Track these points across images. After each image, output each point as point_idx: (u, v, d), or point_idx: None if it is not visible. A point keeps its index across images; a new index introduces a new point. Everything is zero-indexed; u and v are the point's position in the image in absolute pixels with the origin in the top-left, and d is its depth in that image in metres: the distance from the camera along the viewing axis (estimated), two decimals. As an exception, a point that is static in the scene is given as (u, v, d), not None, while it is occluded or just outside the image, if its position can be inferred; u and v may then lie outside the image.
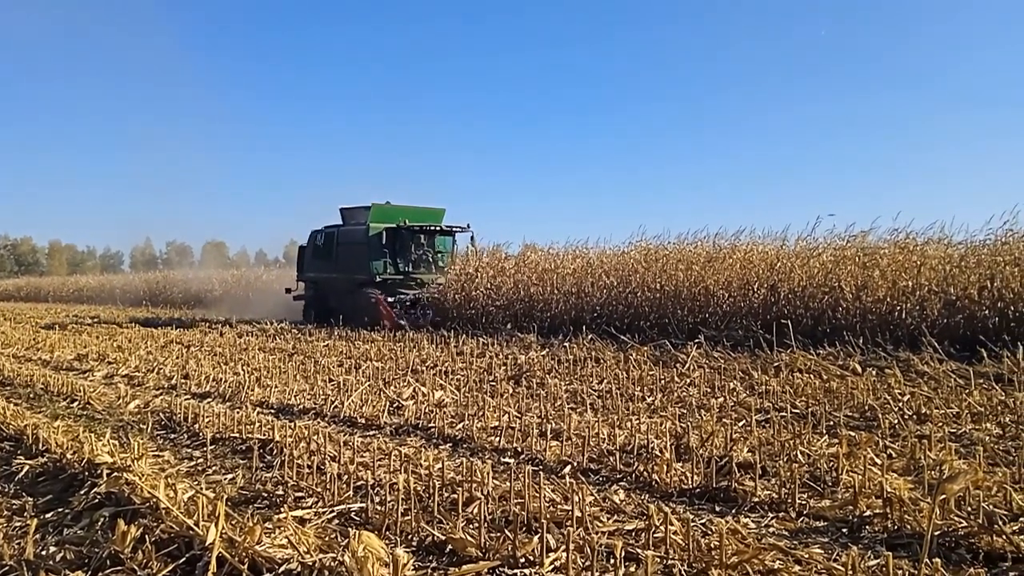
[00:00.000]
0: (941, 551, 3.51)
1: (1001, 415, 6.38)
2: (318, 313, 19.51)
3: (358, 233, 19.06)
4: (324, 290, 20.28)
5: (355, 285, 18.57)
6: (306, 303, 21.00)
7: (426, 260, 19.35)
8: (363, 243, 18.72)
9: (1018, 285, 10.69)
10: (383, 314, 17.07)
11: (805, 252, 13.59)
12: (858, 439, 5.41)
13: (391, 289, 18.15)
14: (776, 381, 8.34)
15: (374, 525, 3.91)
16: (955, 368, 8.58)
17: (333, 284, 19.71)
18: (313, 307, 20.36)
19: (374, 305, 17.27)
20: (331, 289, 19.82)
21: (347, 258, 19.33)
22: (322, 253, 20.31)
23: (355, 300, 18.13)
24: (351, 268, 18.99)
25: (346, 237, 19.68)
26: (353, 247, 19.15)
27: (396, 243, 18.86)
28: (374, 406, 7.27)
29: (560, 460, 5.25)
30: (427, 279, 18.81)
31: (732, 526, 3.72)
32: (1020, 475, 4.53)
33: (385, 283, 18.34)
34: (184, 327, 18.78)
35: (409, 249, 19.15)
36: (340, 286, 19.31)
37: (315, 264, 20.58)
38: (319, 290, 20.55)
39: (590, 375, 9.15)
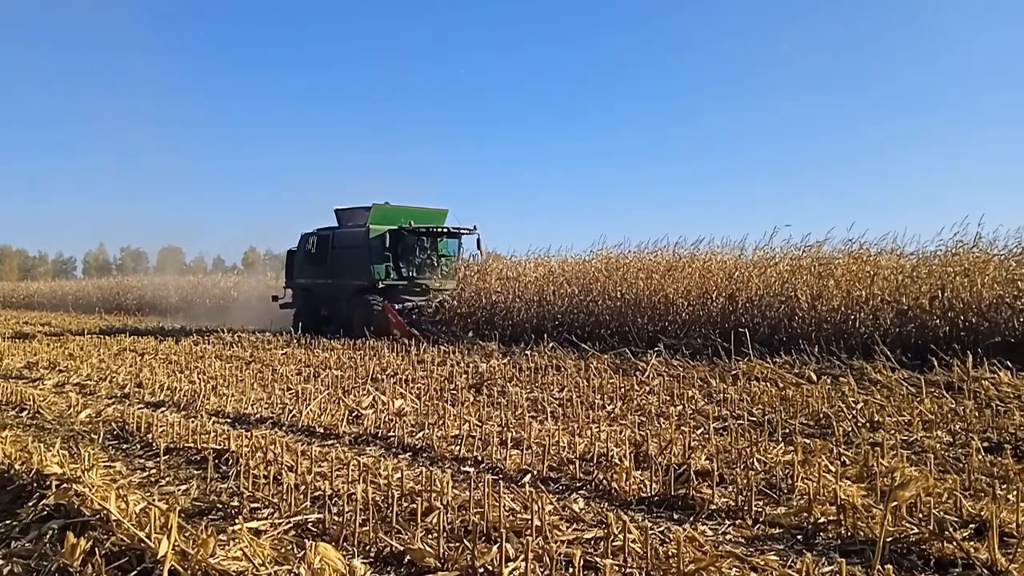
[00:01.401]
0: (893, 557, 3.58)
1: (951, 423, 6.54)
2: (310, 322, 18.11)
3: (357, 236, 17.86)
4: (317, 297, 18.95)
5: (354, 292, 17.40)
6: (296, 311, 19.43)
7: (431, 264, 18.14)
8: (363, 246, 17.48)
9: (967, 295, 10.97)
10: (393, 323, 15.89)
11: (762, 262, 13.81)
12: (813, 447, 5.51)
13: (394, 296, 17.03)
14: (734, 389, 8.45)
15: (331, 536, 3.87)
16: (907, 376, 8.77)
17: (328, 291, 18.46)
18: (304, 316, 18.84)
19: (381, 313, 16.16)
20: (325, 296, 18.61)
21: (345, 263, 18.04)
22: (315, 258, 18.97)
23: (354, 308, 17.05)
24: (349, 273, 17.77)
25: (343, 240, 18.45)
26: (352, 251, 17.90)
27: (399, 246, 17.62)
28: (333, 415, 7.20)
29: (520, 469, 5.25)
30: (432, 285, 17.67)
31: (690, 534, 3.75)
32: (970, 482, 4.64)
33: (388, 289, 17.17)
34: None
35: (413, 253, 17.91)
36: (336, 293, 18.07)
37: (307, 270, 19.23)
38: (311, 297, 19.16)
39: (551, 383, 9.17)
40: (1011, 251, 11.71)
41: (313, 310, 18.81)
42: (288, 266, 20.33)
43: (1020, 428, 6.22)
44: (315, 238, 19.16)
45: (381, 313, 16.15)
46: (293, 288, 19.97)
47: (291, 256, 20.15)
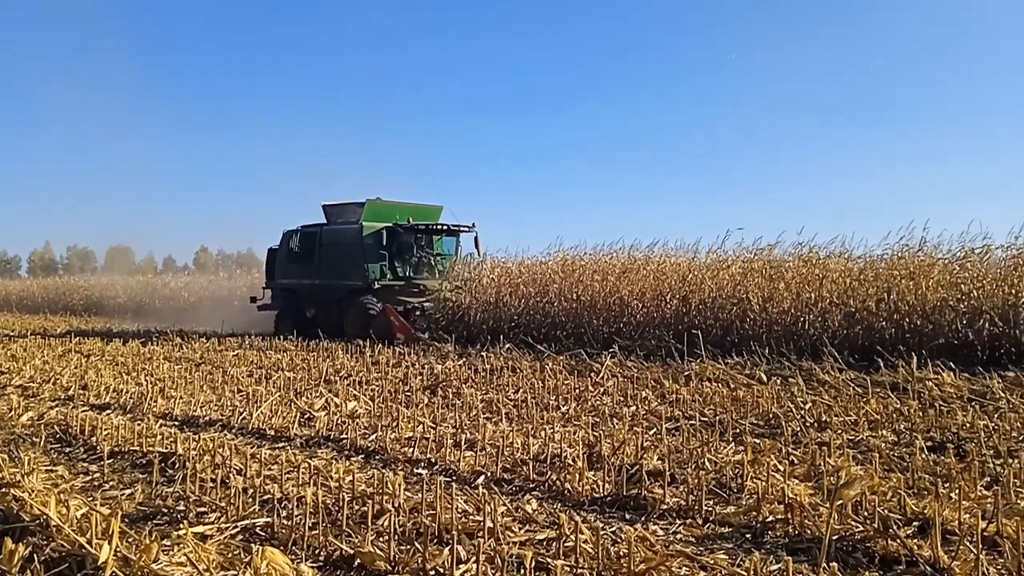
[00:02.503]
0: (839, 555, 3.64)
1: (896, 422, 6.69)
2: (294, 325, 16.84)
3: (349, 233, 16.86)
4: (302, 299, 17.89)
5: (346, 293, 16.52)
6: (278, 314, 18.22)
7: (427, 263, 17.29)
8: (356, 244, 16.53)
9: (912, 298, 11.25)
10: (396, 326, 15.01)
11: (715, 264, 13.99)
12: (762, 446, 5.59)
13: (390, 297, 16.16)
14: (686, 390, 8.54)
15: (280, 540, 3.81)
16: (854, 377, 8.95)
17: (314, 292, 17.44)
18: (288, 318, 17.63)
19: (382, 316, 15.31)
20: (311, 297, 17.62)
21: (335, 262, 17.01)
22: (300, 256, 17.85)
23: (347, 311, 16.21)
24: (340, 273, 16.80)
25: (333, 238, 17.40)
26: (343, 249, 16.90)
27: (394, 244, 16.65)
28: (284, 417, 7.10)
29: (474, 470, 5.23)
30: (430, 285, 16.72)
31: (641, 534, 3.77)
32: (914, 481, 4.75)
33: (384, 290, 16.27)
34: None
35: (409, 251, 16.97)
36: (325, 294, 17.10)
37: (290, 269, 18.10)
38: (295, 299, 18.03)
39: (506, 384, 9.16)
40: (955, 255, 12.03)
41: (297, 312, 17.75)
42: (269, 265, 19.13)
43: (962, 428, 6.38)
44: (300, 235, 18.11)
45: (382, 316, 15.33)
46: (274, 289, 18.82)
47: (272, 255, 18.98)
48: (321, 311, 17.22)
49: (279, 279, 18.57)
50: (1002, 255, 11.77)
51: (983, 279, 11.17)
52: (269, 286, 19.01)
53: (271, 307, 18.67)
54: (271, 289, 18.92)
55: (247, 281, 29.07)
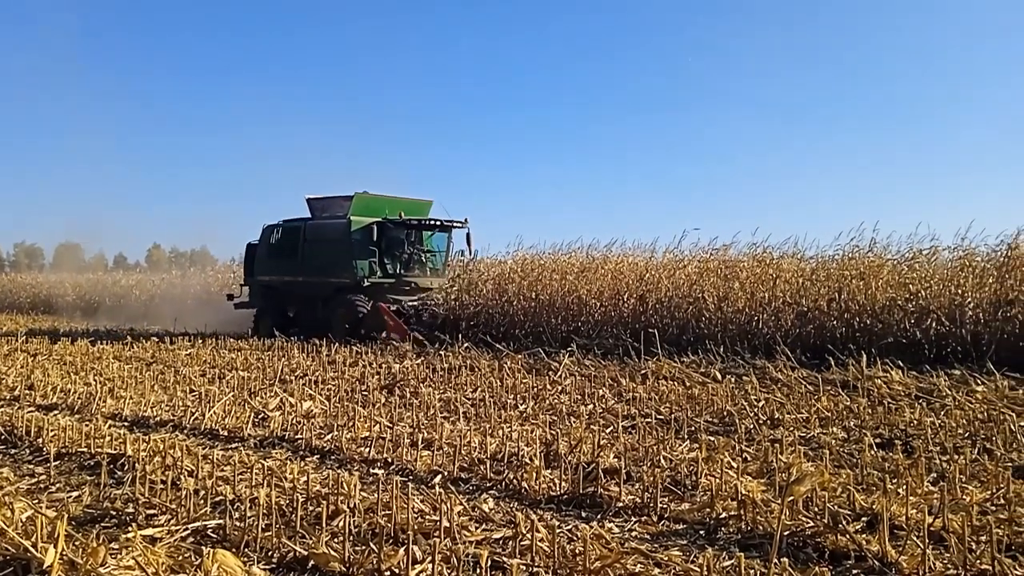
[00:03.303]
0: (790, 550, 3.70)
1: (846, 419, 6.82)
2: (275, 324, 16.14)
3: (336, 228, 16.07)
4: (283, 296, 17.15)
5: (332, 290, 15.87)
6: (258, 312, 17.44)
7: (418, 260, 16.67)
8: (343, 239, 15.78)
9: (862, 297, 11.50)
10: (391, 325, 14.43)
11: (672, 264, 14.13)
12: (717, 444, 5.66)
13: (380, 295, 15.44)
14: (643, 388, 8.61)
15: (232, 542, 3.74)
16: (806, 375, 9.11)
17: (298, 289, 16.71)
18: (268, 316, 16.94)
19: (375, 315, 14.71)
20: (294, 295, 16.92)
21: (321, 258, 16.26)
22: (282, 252, 17.06)
23: (334, 309, 15.60)
24: (326, 270, 16.07)
25: (318, 232, 16.59)
26: (330, 244, 16.13)
27: (383, 240, 15.96)
28: (238, 417, 6.99)
29: (431, 470, 5.21)
30: (422, 284, 16.23)
31: (597, 531, 3.79)
32: (863, 477, 4.85)
33: (373, 288, 15.57)
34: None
35: (400, 247, 16.29)
36: (309, 292, 16.44)
37: (271, 265, 17.28)
38: (276, 296, 17.24)
39: (465, 383, 9.14)
40: (903, 256, 12.32)
41: (278, 311, 17.03)
42: (248, 261, 18.29)
43: (910, 425, 6.53)
44: (281, 230, 17.35)
45: (375, 314, 14.74)
46: (252, 286, 17.95)
47: (251, 250, 18.13)
48: (304, 310, 16.63)
49: (259, 276, 17.70)
50: (948, 256, 12.10)
51: (930, 279, 11.47)
52: (247, 283, 18.16)
53: (249, 305, 17.90)
54: (249, 286, 18.08)
55: (201, 279, 28.64)
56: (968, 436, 6.05)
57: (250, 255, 18.23)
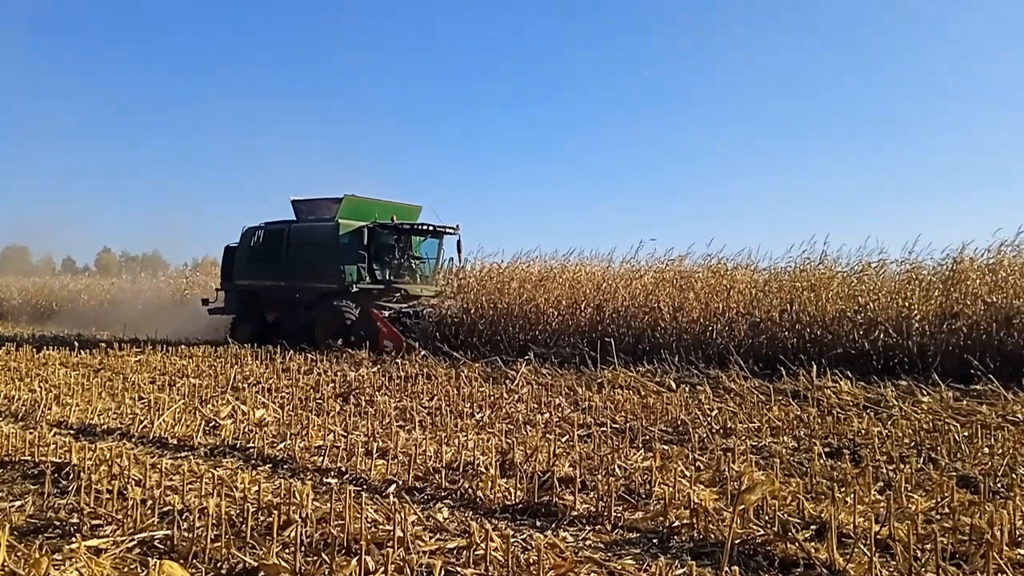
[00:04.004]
0: (741, 558, 3.75)
1: (796, 429, 6.95)
2: (254, 331, 15.68)
3: (324, 231, 15.56)
4: (263, 302, 16.51)
5: (318, 296, 15.35)
6: (235, 318, 16.81)
7: (408, 267, 16.24)
8: (331, 243, 15.28)
9: (813, 309, 11.72)
10: (384, 333, 13.88)
11: (629, 274, 14.23)
12: (670, 453, 5.71)
13: (369, 302, 14.89)
14: (599, 397, 8.66)
15: (180, 553, 3.67)
16: (758, 385, 9.25)
17: (280, 295, 16.06)
18: (246, 323, 16.38)
19: (368, 321, 14.19)
20: (277, 301, 16.22)
21: (306, 262, 15.71)
22: (264, 256, 16.48)
23: (319, 316, 15.04)
24: (311, 275, 15.56)
25: (304, 236, 16.04)
26: (316, 248, 15.61)
27: (373, 245, 15.53)
28: (188, 426, 6.86)
29: (385, 479, 5.17)
30: (413, 291, 15.75)
31: (551, 540, 3.80)
32: (812, 485, 4.94)
33: (362, 294, 15.09)
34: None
35: (390, 253, 15.84)
36: (292, 298, 15.81)
37: (251, 269, 16.68)
38: (256, 302, 16.61)
39: (421, 392, 9.10)
40: (853, 268, 12.59)
41: (257, 317, 16.44)
42: (225, 265, 17.55)
43: (858, 434, 6.67)
44: (262, 233, 16.74)
45: (367, 321, 14.21)
46: (229, 291, 17.30)
47: (230, 253, 17.42)
48: (286, 316, 16.00)
49: (237, 280, 17.06)
50: (896, 269, 12.39)
51: (878, 292, 11.74)
52: (224, 288, 17.50)
53: (225, 311, 17.23)
54: (226, 291, 17.41)
55: (153, 285, 28.12)
56: (914, 446, 6.20)
57: (228, 258, 17.52)
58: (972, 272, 11.27)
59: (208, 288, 25.83)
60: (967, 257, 11.58)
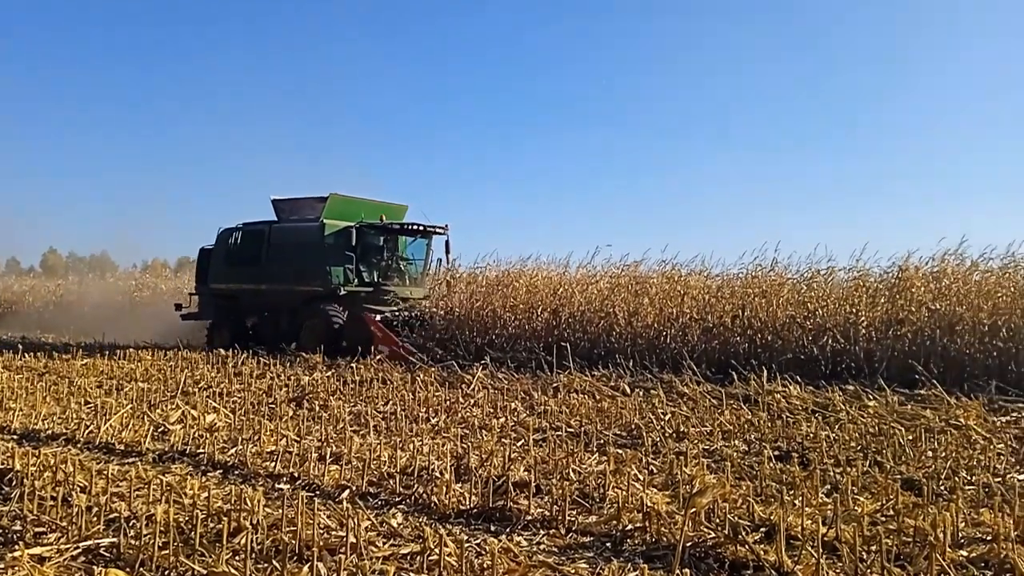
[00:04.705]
0: (692, 561, 3.79)
1: (747, 433, 7.06)
2: (232, 336, 15.01)
3: (309, 231, 14.90)
4: (243, 306, 15.89)
5: (303, 300, 14.73)
6: (212, 324, 16.12)
7: (397, 268, 15.71)
8: (316, 244, 14.63)
9: (764, 315, 11.94)
10: (379, 338, 13.27)
11: (585, 279, 14.35)
12: (624, 457, 5.77)
13: (357, 305, 14.36)
14: (554, 401, 8.70)
15: (126, 561, 3.59)
16: (710, 390, 9.38)
17: (261, 299, 15.47)
18: (224, 329, 15.69)
19: (359, 325, 13.61)
20: (257, 305, 15.66)
21: (289, 264, 15.00)
22: (242, 258, 15.82)
23: (303, 320, 14.43)
24: (295, 277, 14.87)
25: (287, 236, 15.36)
26: (300, 249, 14.92)
27: (360, 246, 14.91)
28: (136, 431, 6.73)
29: (338, 484, 5.13)
30: (402, 293, 15.18)
31: (505, 545, 3.81)
32: (762, 488, 5.02)
33: (350, 297, 14.51)
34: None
35: (378, 254, 15.35)
36: (274, 301, 15.26)
37: (230, 272, 15.97)
38: (234, 307, 15.99)
39: (376, 396, 9.04)
40: (802, 275, 12.86)
41: (235, 322, 15.80)
42: (200, 268, 16.84)
43: (806, 438, 6.80)
44: (240, 233, 16.06)
45: (359, 326, 13.63)
46: (204, 295, 16.61)
47: (205, 256, 16.71)
48: (267, 321, 15.42)
49: (214, 284, 16.35)
50: (844, 276, 12.69)
51: (827, 299, 12.02)
52: (199, 292, 16.78)
53: (200, 316, 16.58)
54: (201, 296, 16.72)
55: (101, 286, 27.53)
56: (860, 449, 6.34)
57: (203, 261, 16.79)
58: (917, 280, 11.60)
59: (158, 291, 25.49)
60: (912, 265, 11.92)
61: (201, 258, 16.97)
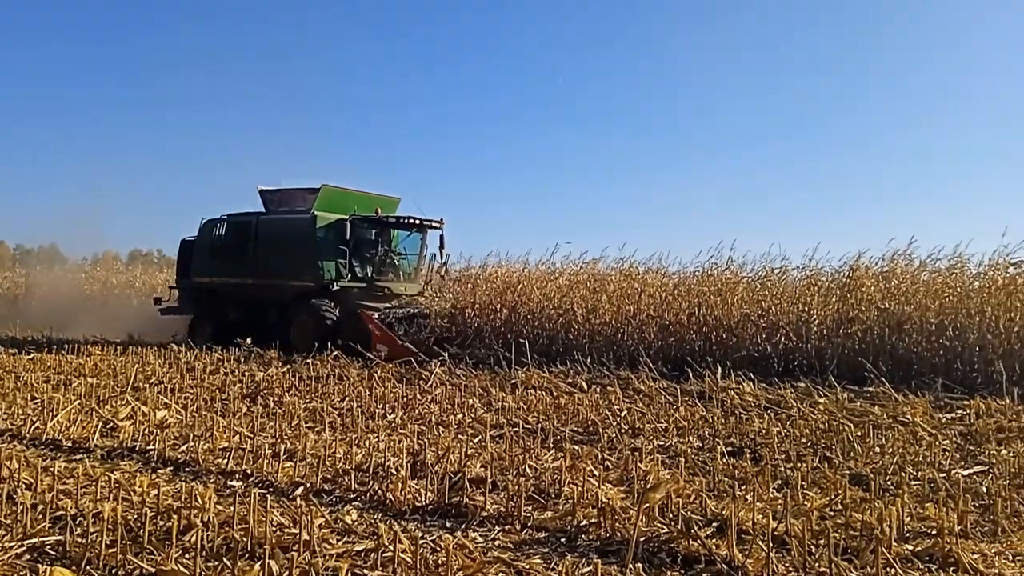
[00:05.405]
0: (645, 556, 3.84)
1: (701, 429, 7.15)
2: (216, 332, 14.41)
3: (299, 224, 14.24)
4: (227, 301, 15.11)
5: (293, 295, 14.10)
6: (194, 319, 15.36)
7: (391, 263, 15.08)
8: (307, 238, 14.00)
9: (719, 312, 12.11)
10: (377, 336, 12.70)
11: (544, 276, 14.40)
12: (580, 453, 5.80)
13: (349, 301, 13.75)
14: (512, 398, 8.72)
15: (72, 560, 3.52)
16: (666, 386, 9.49)
17: (247, 293, 14.81)
18: (206, 324, 14.98)
19: (356, 323, 12.99)
20: (241, 300, 14.94)
21: (278, 258, 14.38)
22: (227, 250, 15.08)
23: (293, 317, 13.79)
24: (284, 271, 14.31)
25: (276, 229, 14.71)
26: (289, 242, 14.33)
27: (353, 240, 14.23)
28: (84, 427, 6.58)
29: (292, 481, 5.08)
30: (396, 289, 14.68)
31: (460, 541, 3.81)
32: (714, 483, 5.10)
33: (342, 293, 13.87)
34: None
35: (372, 248, 14.67)
36: (262, 296, 14.59)
37: (213, 265, 15.20)
38: (217, 301, 15.21)
39: (332, 393, 8.96)
40: (757, 274, 13.09)
41: (218, 317, 15.02)
42: (182, 261, 16.11)
43: (758, 434, 6.91)
44: (227, 225, 15.33)
45: (356, 323, 13.01)
46: (185, 289, 15.87)
47: (186, 248, 15.96)
48: (253, 317, 14.56)
49: (196, 277, 15.59)
50: (797, 275, 12.95)
51: (780, 297, 12.25)
52: (180, 286, 16.07)
53: (180, 311, 15.82)
54: (182, 289, 15.99)
55: (49, 279, 26.87)
56: (810, 445, 6.46)
57: (185, 253, 16.07)
58: (867, 279, 11.86)
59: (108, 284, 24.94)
60: (863, 265, 12.20)
61: (183, 250, 16.24)
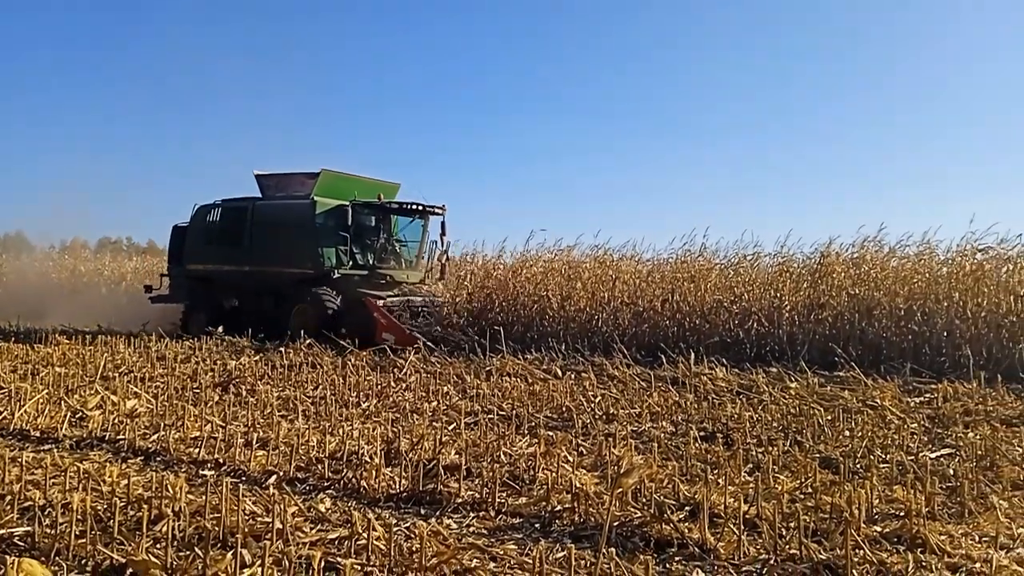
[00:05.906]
0: (619, 540, 3.86)
1: (674, 414, 7.21)
2: (210, 320, 13.90)
3: (298, 209, 13.96)
4: (221, 288, 14.87)
5: (292, 283, 13.82)
6: (188, 307, 15.01)
7: (393, 250, 14.73)
8: (307, 224, 13.70)
9: (693, 299, 12.22)
10: (383, 325, 12.42)
11: (519, 263, 14.41)
12: (555, 439, 5.82)
13: (351, 289, 13.43)
14: (487, 385, 8.73)
15: (41, 551, 3.47)
16: (640, 372, 9.55)
17: (243, 281, 14.51)
18: (201, 312, 14.60)
19: (361, 311, 12.72)
20: (236, 287, 14.74)
21: (276, 244, 14.05)
22: (222, 237, 14.78)
23: (293, 305, 13.53)
24: (284, 259, 13.97)
25: (274, 215, 14.38)
26: (288, 229, 13.99)
27: (354, 226, 13.89)
28: (52, 417, 6.48)
29: (265, 470, 5.04)
30: (398, 276, 14.40)
31: (434, 528, 3.81)
32: (687, 468, 5.14)
33: (343, 280, 13.56)
34: None
35: (373, 235, 14.34)
36: (259, 284, 14.31)
37: (207, 252, 14.89)
38: (212, 289, 14.94)
39: (306, 381, 8.91)
40: (730, 260, 13.21)
41: (213, 305, 14.68)
42: (174, 248, 15.72)
43: (731, 418, 6.98)
44: (222, 210, 15.01)
45: (361, 311, 12.75)
46: (177, 276, 15.47)
47: (179, 234, 15.58)
48: (250, 305, 14.44)
49: (189, 264, 15.27)
50: (769, 262, 13.08)
51: (753, 283, 12.37)
52: (172, 273, 15.63)
53: (171, 299, 15.45)
54: (174, 277, 15.57)
55: (16, 267, 26.41)
56: (781, 429, 6.54)
57: (177, 240, 15.66)
58: (838, 266, 12.02)
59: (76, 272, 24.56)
60: (833, 251, 12.36)
61: (175, 237, 15.83)
